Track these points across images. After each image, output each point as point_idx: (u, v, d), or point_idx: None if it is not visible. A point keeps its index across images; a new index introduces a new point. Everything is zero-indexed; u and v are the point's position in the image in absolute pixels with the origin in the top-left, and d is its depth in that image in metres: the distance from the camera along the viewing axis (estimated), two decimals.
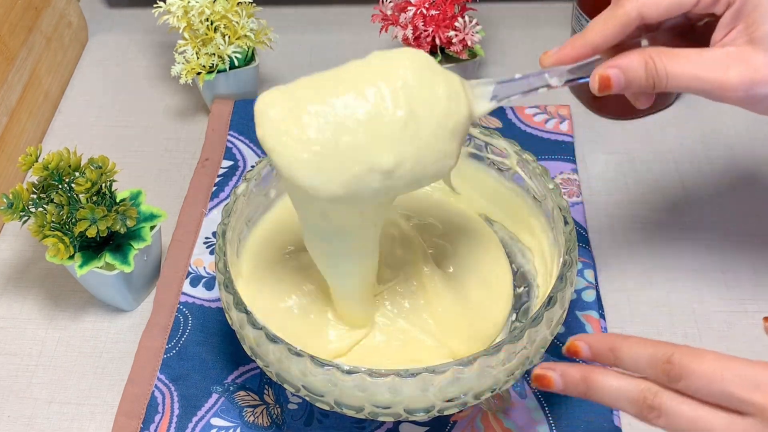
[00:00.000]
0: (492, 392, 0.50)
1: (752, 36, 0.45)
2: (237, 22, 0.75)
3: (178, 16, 0.74)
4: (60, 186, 0.60)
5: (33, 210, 0.59)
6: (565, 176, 0.71)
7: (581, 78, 0.50)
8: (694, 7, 0.47)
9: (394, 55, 0.46)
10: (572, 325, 0.61)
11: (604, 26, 0.48)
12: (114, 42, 0.90)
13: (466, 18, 0.74)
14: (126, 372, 0.62)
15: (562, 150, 0.73)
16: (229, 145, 0.74)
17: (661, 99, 0.78)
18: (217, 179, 0.72)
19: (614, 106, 0.78)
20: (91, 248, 0.61)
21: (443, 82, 0.46)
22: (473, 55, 0.77)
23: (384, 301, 0.57)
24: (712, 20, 0.49)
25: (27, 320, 0.66)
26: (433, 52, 0.75)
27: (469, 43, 0.74)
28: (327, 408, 0.50)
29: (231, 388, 0.59)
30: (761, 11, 0.45)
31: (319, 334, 0.55)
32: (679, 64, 0.46)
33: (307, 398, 0.50)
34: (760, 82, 0.45)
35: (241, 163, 0.73)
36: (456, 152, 0.47)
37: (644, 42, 0.52)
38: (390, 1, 0.76)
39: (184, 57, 0.75)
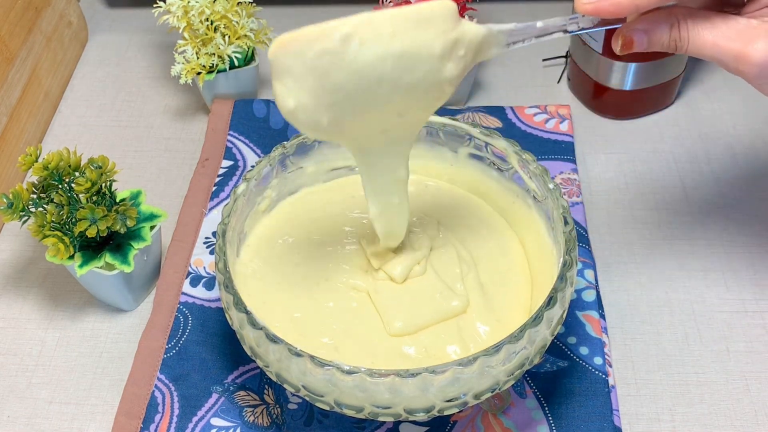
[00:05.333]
0: (492, 392, 0.50)
1: None
2: (237, 22, 0.75)
3: (178, 16, 0.74)
4: (60, 186, 0.60)
5: (33, 210, 0.59)
6: (565, 176, 0.71)
7: (600, 27, 0.48)
8: None
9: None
10: (572, 325, 0.61)
11: None
12: (114, 42, 0.90)
13: (466, 18, 0.74)
14: (126, 372, 0.62)
15: (562, 150, 0.73)
16: (229, 145, 0.74)
17: (661, 99, 0.78)
18: (217, 179, 0.72)
19: (614, 106, 0.78)
20: (91, 248, 0.61)
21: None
22: None
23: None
24: None
25: (27, 320, 0.66)
26: None
27: None
28: (327, 408, 0.50)
29: (231, 388, 0.59)
30: None
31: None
32: (704, 29, 0.44)
33: (307, 398, 0.50)
34: None
35: (241, 163, 0.73)
36: (449, 70, 0.47)
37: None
38: (390, 2, 0.76)
39: (184, 57, 0.75)
